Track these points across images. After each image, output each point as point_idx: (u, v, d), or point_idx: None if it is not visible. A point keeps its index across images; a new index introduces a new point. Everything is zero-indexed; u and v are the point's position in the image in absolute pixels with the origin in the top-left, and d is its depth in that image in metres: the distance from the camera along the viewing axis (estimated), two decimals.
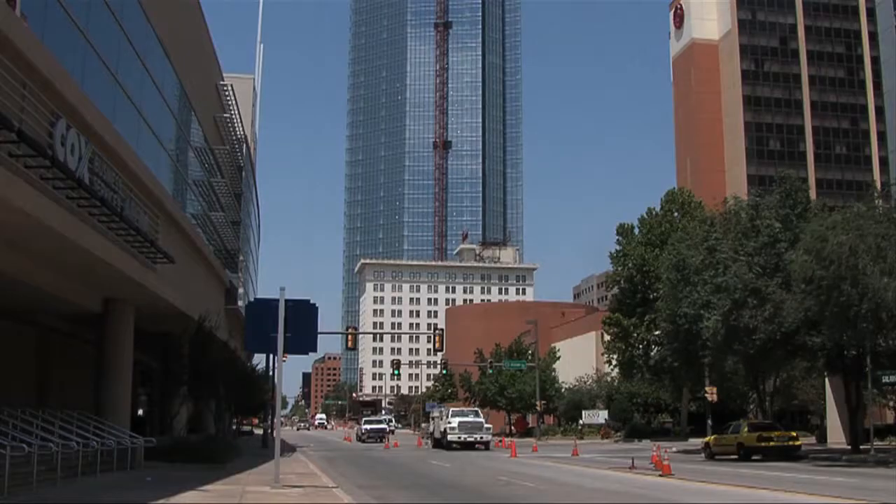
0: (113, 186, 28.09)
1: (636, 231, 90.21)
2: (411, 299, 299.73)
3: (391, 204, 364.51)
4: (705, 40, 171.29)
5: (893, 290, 40.89)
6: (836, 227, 44.88)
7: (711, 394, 70.62)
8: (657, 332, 77.77)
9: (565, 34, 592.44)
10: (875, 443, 53.32)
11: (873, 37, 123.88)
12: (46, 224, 24.04)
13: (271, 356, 67.73)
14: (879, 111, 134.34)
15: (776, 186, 59.32)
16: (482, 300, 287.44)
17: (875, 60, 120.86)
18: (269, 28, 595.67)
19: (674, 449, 62.71)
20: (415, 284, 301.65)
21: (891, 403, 69.91)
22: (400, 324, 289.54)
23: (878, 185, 67.25)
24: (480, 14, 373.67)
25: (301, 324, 26.22)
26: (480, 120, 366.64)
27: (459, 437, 66.20)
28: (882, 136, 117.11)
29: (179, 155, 51.84)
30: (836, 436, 65.22)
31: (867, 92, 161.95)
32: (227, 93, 70.32)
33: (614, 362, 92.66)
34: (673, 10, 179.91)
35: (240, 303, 74.53)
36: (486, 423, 72.30)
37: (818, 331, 46.68)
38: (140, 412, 55.89)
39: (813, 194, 71.03)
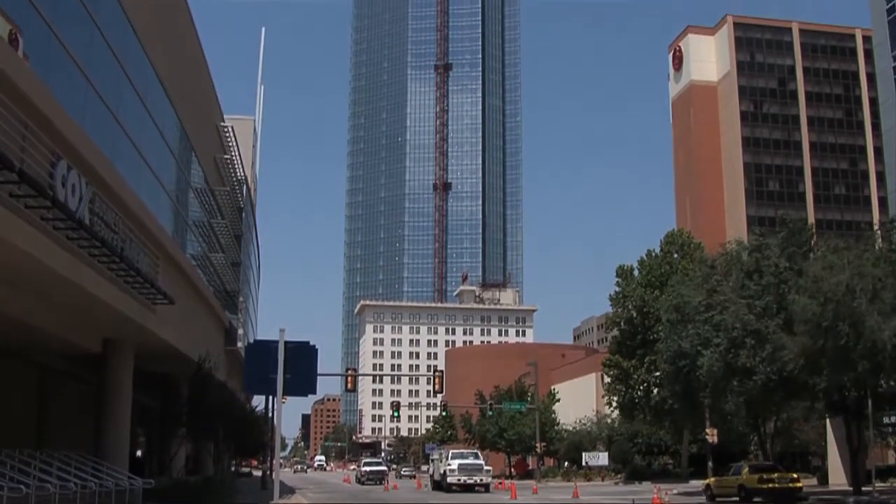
0: (113, 227, 28.09)
1: (636, 273, 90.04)
2: (411, 341, 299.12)
3: (391, 245, 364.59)
4: (704, 82, 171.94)
5: (890, 329, 40.87)
6: (834, 268, 44.95)
7: (712, 435, 70.36)
8: (657, 374, 77.50)
9: (565, 76, 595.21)
10: (876, 484, 53.09)
11: (871, 78, 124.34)
12: (47, 264, 24.05)
13: (271, 397, 67.56)
14: (878, 152, 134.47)
15: (779, 227, 59.39)
16: (482, 342, 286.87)
17: (873, 101, 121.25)
18: (269, 69, 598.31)
19: (675, 491, 62.35)
20: (415, 326, 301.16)
21: (892, 444, 69.67)
22: (400, 365, 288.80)
23: (878, 225, 67.18)
24: (480, 56, 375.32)
25: (301, 365, 26.21)
26: (480, 162, 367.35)
27: (459, 479, 65.87)
28: (881, 177, 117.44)
29: (180, 195, 51.92)
30: (838, 477, 64.86)
31: (866, 133, 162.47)
32: (227, 134, 70.53)
33: (614, 404, 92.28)
34: (672, 52, 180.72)
35: (239, 344, 74.46)
36: (486, 465, 71.96)
37: (818, 372, 46.56)
38: (138, 453, 55.63)
39: (814, 235, 70.86)
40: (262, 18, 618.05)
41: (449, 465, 67.51)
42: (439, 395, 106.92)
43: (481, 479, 66.81)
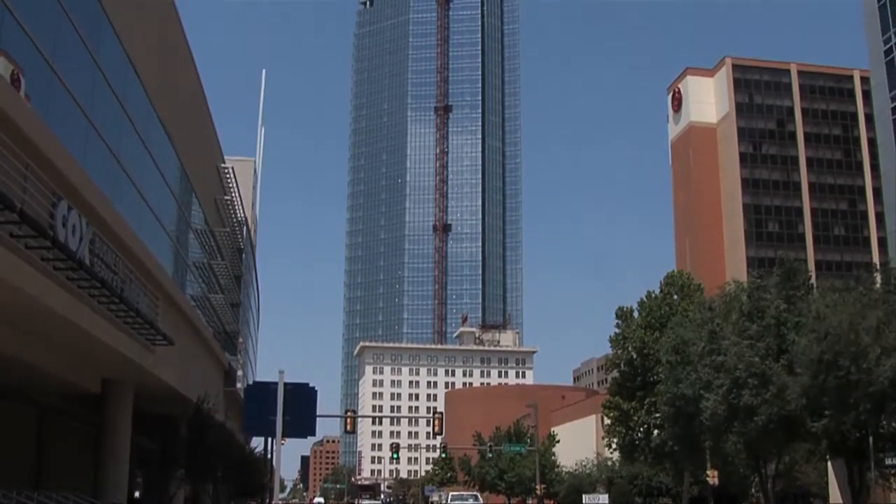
0: (113, 268, 28.10)
1: (636, 314, 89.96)
2: (411, 382, 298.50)
3: (391, 287, 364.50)
4: (703, 123, 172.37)
5: (890, 368, 40.87)
6: (836, 306, 45.01)
7: (713, 477, 70.04)
8: (657, 416, 77.30)
9: (565, 118, 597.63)
10: None
11: (870, 119, 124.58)
12: (47, 304, 24.04)
13: (270, 439, 67.28)
14: (877, 192, 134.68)
15: (776, 269, 59.41)
16: (482, 383, 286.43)
17: (872, 142, 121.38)
18: (270, 110, 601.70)
19: None
20: (414, 367, 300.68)
21: (894, 486, 69.31)
22: (399, 407, 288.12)
23: (877, 265, 67.23)
24: (480, 98, 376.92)
25: (300, 407, 26.10)
26: (480, 203, 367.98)
27: None
28: (880, 217, 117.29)
29: (180, 236, 52.00)
30: None
31: (865, 173, 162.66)
32: (227, 175, 70.72)
33: (615, 446, 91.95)
34: (671, 93, 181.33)
35: (238, 385, 74.29)
36: None
37: (820, 413, 46.48)
38: (136, 494, 55.38)
39: (812, 276, 71.01)
40: (262, 60, 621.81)
41: None
42: (439, 437, 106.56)
43: None
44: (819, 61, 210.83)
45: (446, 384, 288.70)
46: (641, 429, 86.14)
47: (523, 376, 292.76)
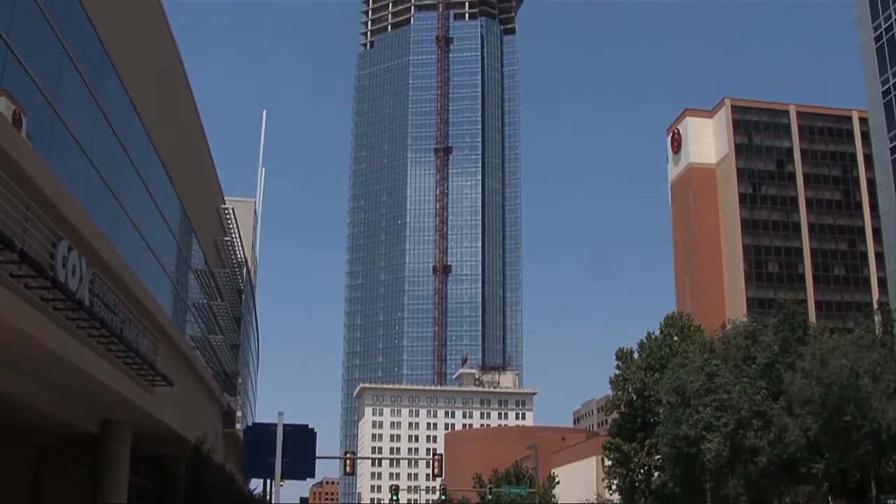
0: (113, 308, 28.03)
1: (636, 355, 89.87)
2: (410, 424, 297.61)
3: (391, 328, 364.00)
4: (703, 164, 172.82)
5: (893, 410, 40.80)
6: (836, 351, 45.02)
7: None
8: (658, 457, 77.05)
9: (564, 159, 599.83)
10: None
11: (868, 159, 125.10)
12: (45, 345, 23.95)
13: (269, 480, 66.93)
14: (877, 232, 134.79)
15: (775, 311, 59.44)
16: (482, 425, 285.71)
17: (871, 182, 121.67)
18: (270, 151, 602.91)
19: None
20: (414, 409, 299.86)
21: None
22: (399, 448, 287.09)
23: (876, 306, 67.25)
24: (480, 140, 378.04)
25: (300, 449, 26.02)
26: (480, 244, 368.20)
27: None
28: (880, 258, 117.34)
29: (180, 277, 51.96)
30: None
31: (864, 214, 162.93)
32: (228, 216, 70.76)
33: (615, 487, 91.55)
34: (670, 135, 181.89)
35: (238, 426, 73.99)
36: None
37: (821, 455, 46.35)
38: None
39: (813, 317, 71.20)
40: (263, 101, 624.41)
41: None
42: (438, 479, 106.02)
43: None
44: (818, 102, 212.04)
45: (446, 426, 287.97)
46: (642, 470, 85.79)
47: (523, 418, 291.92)
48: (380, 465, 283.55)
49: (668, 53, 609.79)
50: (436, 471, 73.53)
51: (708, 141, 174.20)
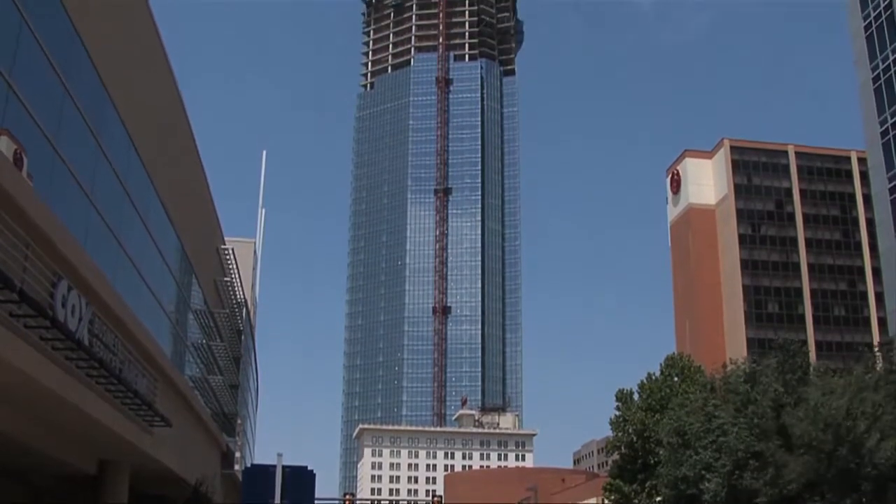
0: (112, 348, 28.00)
1: (636, 396, 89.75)
2: (410, 465, 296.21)
3: (390, 369, 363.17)
4: (702, 205, 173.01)
5: (889, 450, 40.71)
6: (834, 392, 45.00)
7: None
8: (658, 499, 76.72)
9: (564, 200, 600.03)
10: None
11: (868, 199, 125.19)
12: (44, 384, 23.91)
13: None
14: (876, 272, 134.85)
15: (776, 352, 59.38)
16: (481, 466, 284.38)
17: (870, 222, 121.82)
18: (271, 192, 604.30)
19: None
20: (413, 450, 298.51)
21: None
22: (398, 490, 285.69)
23: (877, 346, 67.15)
24: (480, 180, 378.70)
25: (299, 490, 26.00)
26: (480, 285, 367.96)
27: None
28: (880, 297, 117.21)
29: (179, 317, 51.91)
30: None
31: (864, 254, 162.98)
32: (227, 256, 70.78)
33: None
34: (669, 175, 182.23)
35: (237, 467, 73.69)
36: None
37: (821, 495, 46.17)
38: None
39: (813, 357, 71.03)
40: (263, 141, 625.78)
41: None
42: None
43: None
44: (816, 142, 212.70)
45: (445, 467, 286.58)
46: None
47: (523, 459, 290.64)
48: None
49: (667, 94, 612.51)
50: None
51: (707, 181, 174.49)
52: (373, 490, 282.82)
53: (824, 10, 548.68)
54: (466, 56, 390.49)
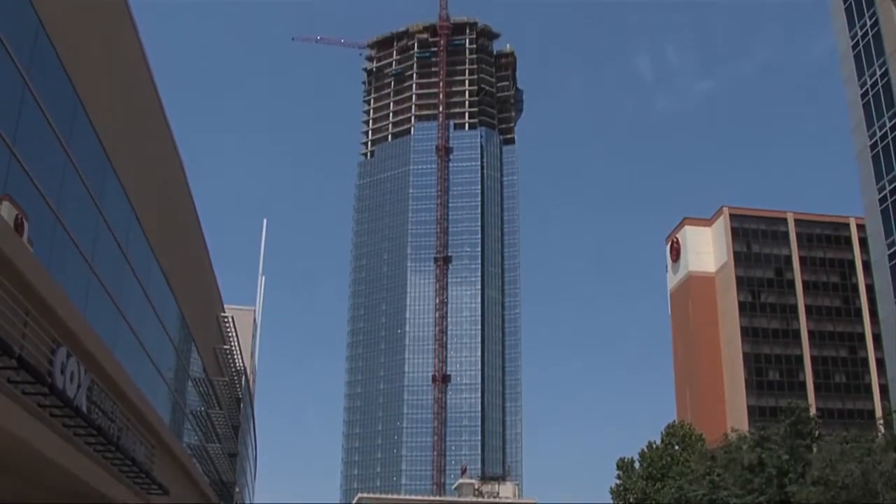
0: (110, 415, 27.92)
1: (636, 465, 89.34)
2: None
3: (389, 437, 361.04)
4: (702, 273, 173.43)
5: None
6: (845, 455, 44.88)
7: None
8: None
9: (563, 268, 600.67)
10: None
11: (867, 266, 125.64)
12: (41, 451, 23.78)
13: None
14: (877, 339, 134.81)
15: (784, 417, 59.21)
16: None
17: (870, 289, 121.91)
18: (270, 259, 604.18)
19: None
20: None
21: None
22: None
23: (880, 412, 67.08)
24: (480, 249, 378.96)
25: None
26: (479, 354, 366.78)
27: None
28: (881, 364, 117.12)
29: (178, 385, 51.75)
30: None
31: (864, 320, 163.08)
32: (227, 324, 70.71)
33: None
34: (669, 243, 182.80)
35: None
36: None
37: None
38: None
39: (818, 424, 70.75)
40: (264, 209, 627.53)
41: None
42: None
43: None
44: (815, 209, 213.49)
45: None
46: None
47: None
48: None
49: (667, 161, 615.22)
50: None
51: (707, 249, 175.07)
52: None
53: (822, 79, 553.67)
54: (466, 125, 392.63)
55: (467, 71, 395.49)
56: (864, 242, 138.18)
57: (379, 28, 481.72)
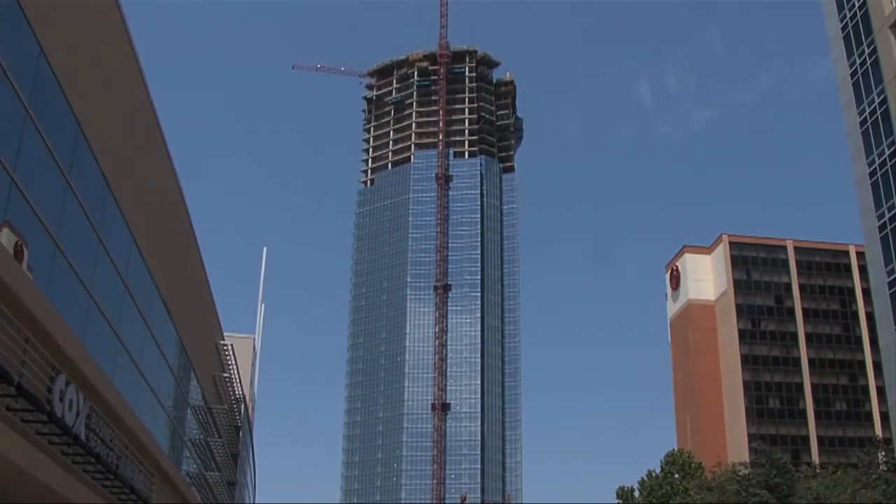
0: (109, 444, 27.86)
1: (636, 493, 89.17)
2: None
3: (389, 466, 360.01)
4: (702, 301, 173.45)
5: None
6: (834, 487, 44.91)
7: None
8: None
9: (563, 297, 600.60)
10: None
11: (867, 293, 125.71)
12: (39, 479, 23.71)
13: None
14: (877, 367, 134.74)
15: (765, 460, 59.56)
16: None
17: (870, 316, 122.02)
18: (270, 287, 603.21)
19: None
20: None
21: None
22: None
23: (881, 440, 67.07)
24: (479, 277, 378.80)
25: None
26: (479, 382, 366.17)
27: None
28: (881, 392, 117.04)
29: (177, 413, 51.65)
30: None
31: (864, 348, 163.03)
32: (226, 352, 70.63)
33: None
34: (669, 271, 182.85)
35: None
36: None
37: None
38: None
39: (815, 452, 70.64)
40: (264, 237, 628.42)
41: None
42: None
43: None
44: (815, 236, 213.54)
45: None
46: None
47: None
48: None
49: (667, 189, 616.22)
50: None
51: (707, 277, 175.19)
52: None
53: (821, 108, 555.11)
54: (466, 153, 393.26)
55: (467, 99, 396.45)
56: (863, 270, 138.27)
57: (379, 56, 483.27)
